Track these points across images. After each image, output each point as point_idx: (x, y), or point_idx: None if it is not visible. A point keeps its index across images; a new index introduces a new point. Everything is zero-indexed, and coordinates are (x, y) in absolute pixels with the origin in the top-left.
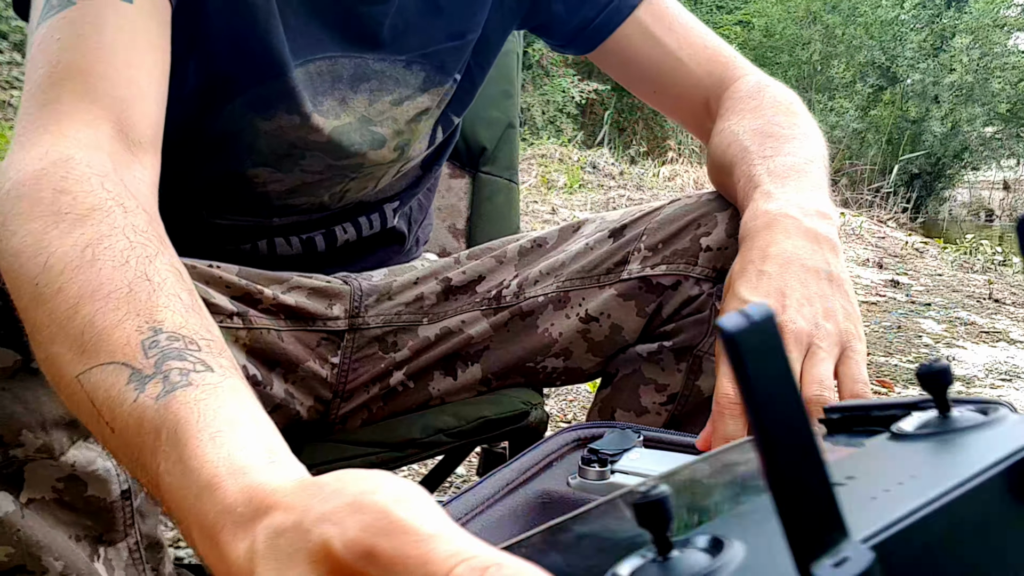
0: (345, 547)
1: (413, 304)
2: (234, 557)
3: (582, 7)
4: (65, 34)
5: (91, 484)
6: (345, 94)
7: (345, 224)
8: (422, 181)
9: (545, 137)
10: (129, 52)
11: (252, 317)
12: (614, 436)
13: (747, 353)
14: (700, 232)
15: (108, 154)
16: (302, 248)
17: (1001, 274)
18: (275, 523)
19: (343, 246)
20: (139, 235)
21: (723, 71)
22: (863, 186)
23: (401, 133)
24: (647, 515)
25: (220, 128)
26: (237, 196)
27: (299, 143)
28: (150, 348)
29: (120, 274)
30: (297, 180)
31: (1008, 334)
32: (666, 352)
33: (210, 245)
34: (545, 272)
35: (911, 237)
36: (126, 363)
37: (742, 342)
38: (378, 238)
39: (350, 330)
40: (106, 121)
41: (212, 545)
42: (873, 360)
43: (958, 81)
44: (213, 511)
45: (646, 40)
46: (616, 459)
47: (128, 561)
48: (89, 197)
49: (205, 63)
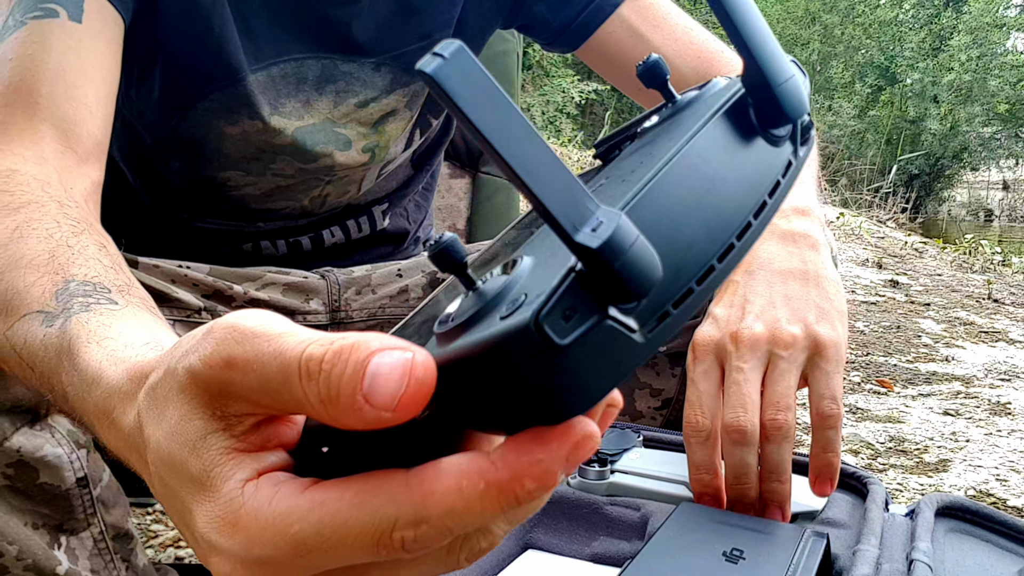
0: (205, 365)
1: (398, 297)
2: (127, 429)
3: (563, 7)
4: (17, 55)
5: (42, 471)
6: (309, 96)
7: (332, 228)
8: (414, 181)
9: (545, 137)
10: (76, 73)
11: (222, 312)
12: (614, 436)
13: (450, 86)
14: None
15: (53, 167)
16: (288, 250)
17: (1000, 274)
18: (150, 381)
19: (331, 248)
20: (68, 220)
21: (708, 68)
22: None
23: (367, 135)
24: (444, 260)
25: (188, 132)
26: (215, 200)
27: (265, 147)
28: (61, 294)
29: (43, 245)
30: (271, 184)
31: (1007, 334)
32: (660, 357)
33: (195, 248)
34: None
35: (910, 237)
36: (40, 310)
37: (443, 78)
38: (367, 241)
39: (332, 324)
40: (52, 139)
41: (110, 428)
42: (872, 360)
43: (956, 81)
44: (103, 398)
45: (631, 37)
46: (616, 458)
47: (93, 551)
48: (26, 195)
49: (167, 71)
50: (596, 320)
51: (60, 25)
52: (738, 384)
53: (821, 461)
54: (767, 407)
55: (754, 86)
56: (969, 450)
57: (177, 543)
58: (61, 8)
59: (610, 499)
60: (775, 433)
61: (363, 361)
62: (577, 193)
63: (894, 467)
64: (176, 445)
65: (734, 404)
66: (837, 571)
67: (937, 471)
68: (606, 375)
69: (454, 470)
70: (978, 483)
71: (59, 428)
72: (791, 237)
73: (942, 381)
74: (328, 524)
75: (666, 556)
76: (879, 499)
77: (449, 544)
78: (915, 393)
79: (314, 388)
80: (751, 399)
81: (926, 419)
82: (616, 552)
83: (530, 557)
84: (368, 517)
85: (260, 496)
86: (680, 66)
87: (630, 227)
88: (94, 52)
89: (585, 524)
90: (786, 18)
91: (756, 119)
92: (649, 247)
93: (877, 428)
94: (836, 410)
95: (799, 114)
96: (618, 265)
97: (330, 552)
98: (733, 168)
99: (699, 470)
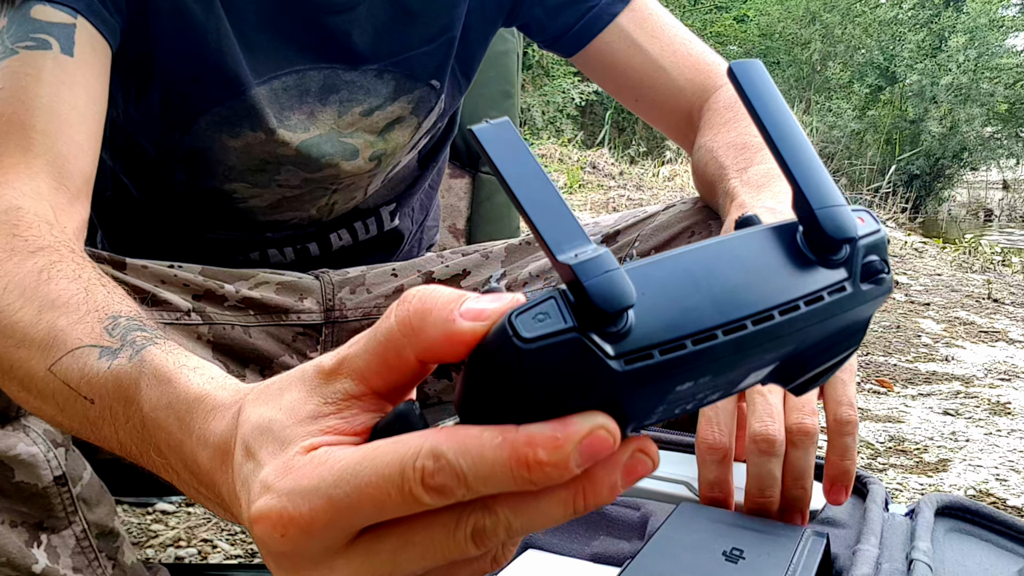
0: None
1: (393, 297)
2: (216, 433)
3: (561, 13)
4: (8, 84)
5: (18, 470)
6: (314, 107)
7: (340, 231)
8: (420, 180)
9: (545, 137)
10: (69, 110)
11: (212, 313)
12: None
13: (486, 142)
14: (694, 240)
15: (49, 205)
16: (295, 257)
17: (1000, 274)
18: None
19: (338, 251)
20: (87, 263)
21: (705, 80)
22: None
23: (374, 144)
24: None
25: (191, 145)
26: (221, 211)
27: (270, 158)
28: (113, 329)
29: (76, 285)
30: (277, 195)
31: (1007, 334)
32: None
33: (201, 258)
34: (535, 274)
35: (910, 237)
36: (94, 344)
37: (483, 138)
38: (375, 242)
39: (327, 323)
40: (46, 176)
41: (198, 442)
42: (872, 360)
43: (955, 82)
44: (204, 411)
45: (628, 47)
46: None
47: (76, 549)
48: (39, 240)
49: (165, 87)
50: (564, 327)
51: (53, 58)
52: (763, 395)
53: (838, 469)
54: (791, 412)
55: (801, 210)
56: (969, 450)
57: (177, 543)
58: (53, 40)
59: None
60: (802, 438)
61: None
62: (572, 229)
63: (894, 467)
64: (284, 414)
65: (760, 414)
66: (837, 571)
67: (937, 471)
68: (576, 389)
69: (478, 427)
70: (978, 483)
71: (34, 427)
72: None
73: (942, 381)
74: (369, 455)
75: (666, 555)
76: (879, 499)
77: (457, 516)
78: (915, 393)
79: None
80: (777, 409)
81: (926, 419)
82: (616, 551)
83: (530, 556)
84: (400, 447)
85: (325, 450)
86: (676, 77)
87: (611, 260)
88: (85, 87)
89: (585, 523)
90: (786, 18)
91: (804, 238)
92: (625, 278)
93: (877, 428)
94: (853, 416)
95: (839, 235)
96: (589, 283)
97: (364, 485)
98: (763, 266)
99: (712, 489)
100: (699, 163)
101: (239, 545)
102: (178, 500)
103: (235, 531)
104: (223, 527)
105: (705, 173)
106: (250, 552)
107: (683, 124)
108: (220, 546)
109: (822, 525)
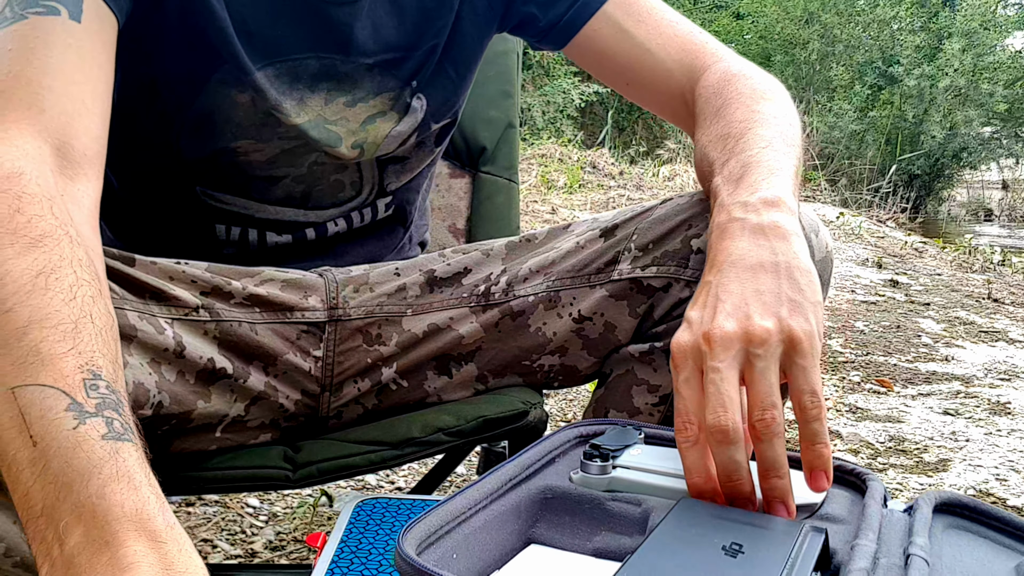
0: None
1: (396, 295)
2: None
3: (553, 5)
4: (16, 46)
5: None
6: (303, 94)
7: (337, 219)
8: (416, 178)
9: (545, 137)
10: (76, 70)
11: (220, 310)
12: (615, 432)
13: None
14: (691, 233)
15: (52, 169)
16: (292, 240)
17: (1000, 274)
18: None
19: (334, 237)
20: (84, 271)
21: (693, 60)
22: (862, 186)
23: (356, 132)
24: None
25: (203, 104)
26: (225, 171)
27: (273, 111)
28: (91, 389)
29: (68, 308)
30: (276, 148)
31: (1007, 334)
32: (658, 353)
33: (203, 237)
34: (535, 270)
35: (910, 237)
36: (67, 392)
37: None
38: (368, 229)
39: (331, 321)
40: (51, 134)
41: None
42: (872, 360)
43: (952, 84)
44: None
45: (616, 33)
46: (618, 455)
47: None
48: (41, 222)
49: (174, 59)
50: None
51: (61, 23)
52: (715, 384)
53: (812, 454)
54: (753, 408)
55: None
56: (969, 450)
57: None
58: (62, 6)
59: (611, 495)
60: (764, 432)
61: None
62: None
63: (894, 466)
64: None
65: (713, 405)
66: (835, 565)
67: (937, 471)
68: None
69: None
70: (978, 483)
71: None
72: (760, 230)
73: (942, 381)
74: None
75: (666, 550)
76: (877, 495)
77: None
78: (915, 393)
79: None
80: (730, 397)
81: (926, 419)
82: (617, 546)
83: (532, 551)
84: None
85: None
86: (664, 59)
87: None
88: (92, 53)
89: (587, 519)
90: (785, 18)
91: None
92: None
93: (877, 428)
94: (817, 403)
95: None
96: None
97: None
98: None
99: (691, 474)
100: (697, 160)
101: (239, 545)
102: (178, 500)
103: (235, 531)
104: (223, 527)
105: (701, 170)
106: (250, 552)
107: (678, 106)
108: (220, 546)
109: (821, 520)
